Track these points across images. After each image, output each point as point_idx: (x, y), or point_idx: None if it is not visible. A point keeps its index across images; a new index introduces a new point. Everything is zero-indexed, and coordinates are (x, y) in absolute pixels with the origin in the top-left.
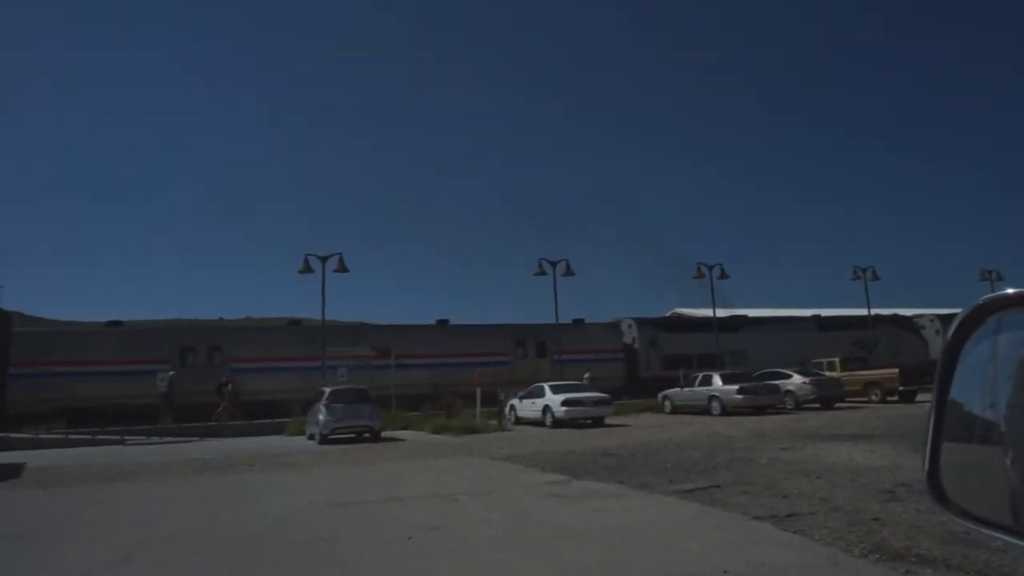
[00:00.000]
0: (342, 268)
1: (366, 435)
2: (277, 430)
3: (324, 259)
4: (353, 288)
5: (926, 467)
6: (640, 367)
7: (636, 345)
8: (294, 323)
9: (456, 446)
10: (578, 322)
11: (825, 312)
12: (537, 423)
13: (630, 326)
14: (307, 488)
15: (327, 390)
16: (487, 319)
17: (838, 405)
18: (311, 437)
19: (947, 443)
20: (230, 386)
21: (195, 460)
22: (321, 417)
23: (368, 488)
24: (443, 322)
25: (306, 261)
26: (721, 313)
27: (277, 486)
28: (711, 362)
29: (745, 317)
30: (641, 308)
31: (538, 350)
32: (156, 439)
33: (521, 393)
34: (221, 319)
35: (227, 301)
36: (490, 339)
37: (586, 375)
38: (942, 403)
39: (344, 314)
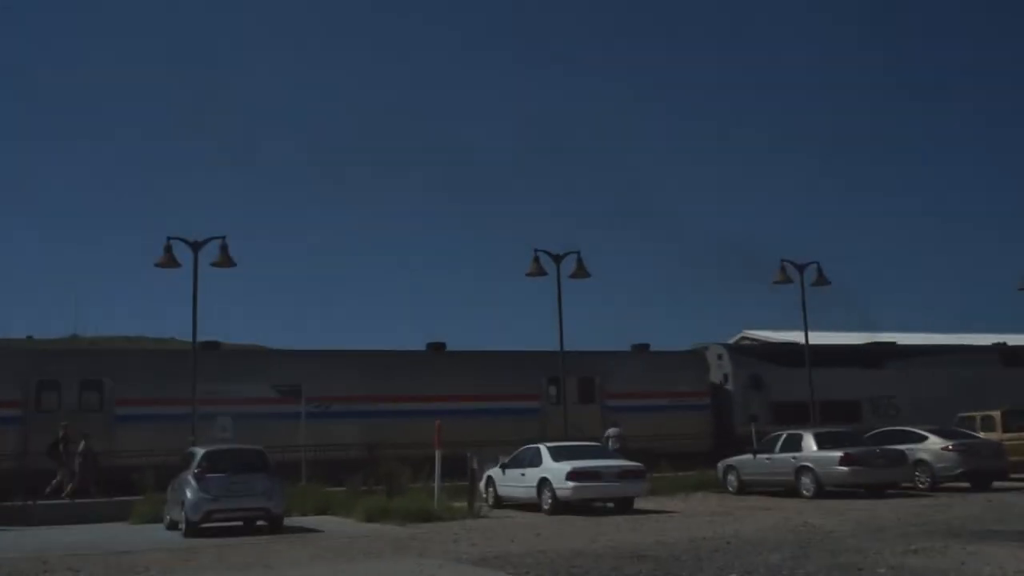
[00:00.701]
0: (225, 261)
1: (261, 522)
2: (121, 514)
3: (196, 245)
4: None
5: None
6: (735, 419)
7: (729, 385)
8: (210, 346)
9: (402, 541)
10: (641, 349)
11: (1014, 340)
12: (529, 505)
13: (720, 356)
14: None
15: (198, 451)
16: (499, 344)
17: (998, 484)
18: (173, 526)
19: None
20: (81, 444)
21: None
22: (189, 494)
23: None
24: (437, 346)
25: (168, 249)
26: (854, 339)
27: None
28: (847, 413)
29: (892, 345)
30: (689, 330)
31: (582, 392)
32: None
33: (504, 459)
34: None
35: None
36: (504, 372)
37: (611, 430)
38: None
39: (267, 338)
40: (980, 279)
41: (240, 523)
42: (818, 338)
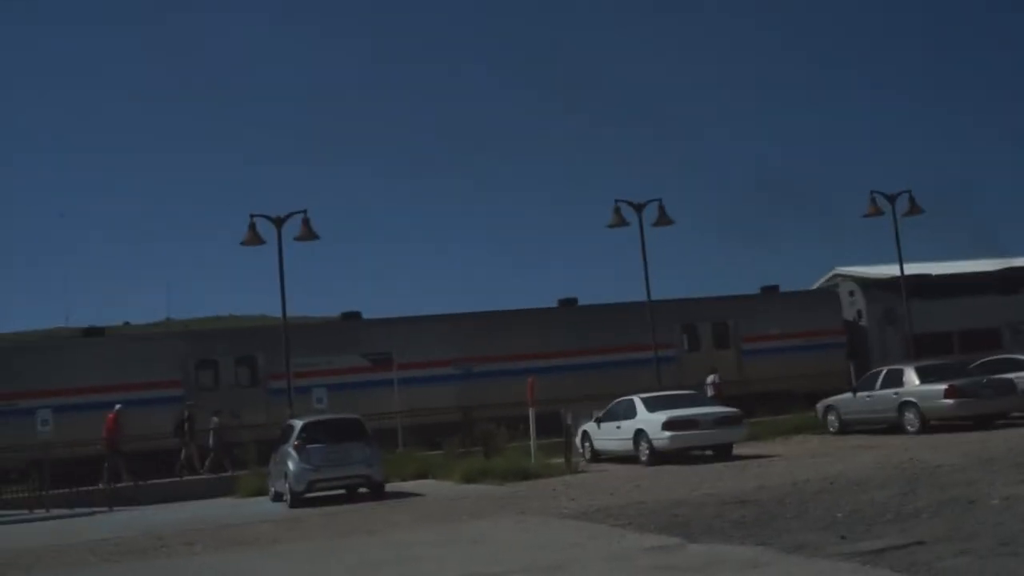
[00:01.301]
0: (308, 234)
1: (363, 489)
2: (226, 490)
3: (279, 221)
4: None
5: None
6: (871, 355)
7: (864, 321)
8: (350, 316)
9: (502, 500)
10: (770, 291)
11: None
12: (626, 458)
13: (852, 293)
14: None
15: (297, 424)
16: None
17: None
18: (278, 497)
19: None
20: (213, 421)
21: (102, 541)
22: (292, 466)
23: (370, 573)
24: (569, 302)
25: (252, 227)
26: (985, 266)
27: None
28: (986, 341)
29: None
30: (777, 274)
31: (717, 337)
32: (41, 512)
33: (598, 414)
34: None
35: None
36: (635, 323)
37: (711, 378)
38: None
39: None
40: None
41: (343, 491)
42: (939, 268)
